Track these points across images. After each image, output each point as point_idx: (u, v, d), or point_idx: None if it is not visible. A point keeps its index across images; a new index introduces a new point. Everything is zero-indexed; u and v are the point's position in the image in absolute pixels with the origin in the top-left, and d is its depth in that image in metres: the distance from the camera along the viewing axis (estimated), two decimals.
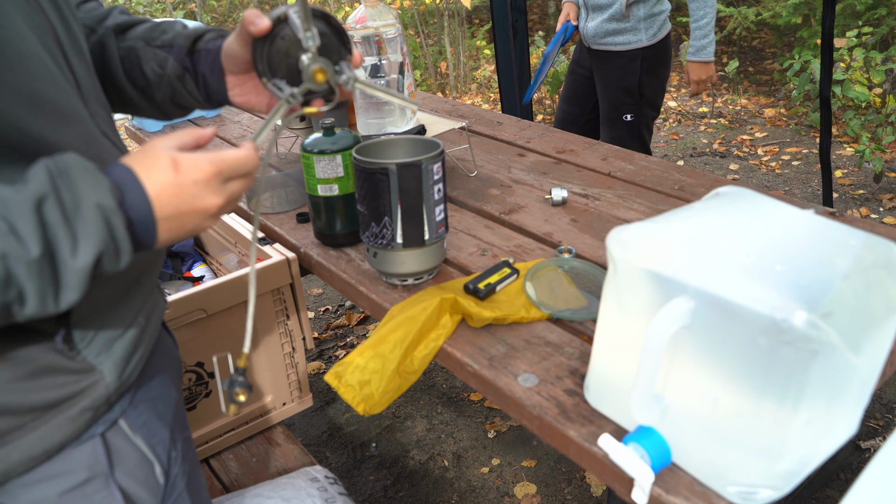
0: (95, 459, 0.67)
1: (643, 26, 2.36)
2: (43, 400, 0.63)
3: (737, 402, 0.61)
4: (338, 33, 0.75)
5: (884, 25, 4.18)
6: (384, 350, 0.89)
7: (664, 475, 0.69)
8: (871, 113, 3.91)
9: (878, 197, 3.45)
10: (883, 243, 0.65)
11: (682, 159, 4.15)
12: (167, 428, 0.75)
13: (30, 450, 0.63)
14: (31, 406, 0.63)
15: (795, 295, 0.57)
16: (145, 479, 0.71)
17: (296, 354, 1.76)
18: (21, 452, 0.63)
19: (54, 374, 0.64)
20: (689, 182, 1.38)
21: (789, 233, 0.66)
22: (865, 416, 2.06)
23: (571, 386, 0.83)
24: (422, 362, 0.90)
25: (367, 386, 0.87)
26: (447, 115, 1.87)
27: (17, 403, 0.62)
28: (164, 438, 0.74)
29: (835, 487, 1.84)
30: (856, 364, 0.61)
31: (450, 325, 0.93)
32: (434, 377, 2.42)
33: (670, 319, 0.62)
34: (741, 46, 6.01)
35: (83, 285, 0.55)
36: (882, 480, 0.55)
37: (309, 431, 2.21)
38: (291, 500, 1.28)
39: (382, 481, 1.98)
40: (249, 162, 0.65)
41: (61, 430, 0.64)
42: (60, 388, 0.64)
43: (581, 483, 1.93)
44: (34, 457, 0.63)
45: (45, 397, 0.63)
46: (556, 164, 1.51)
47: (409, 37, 6.05)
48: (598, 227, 1.21)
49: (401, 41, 1.45)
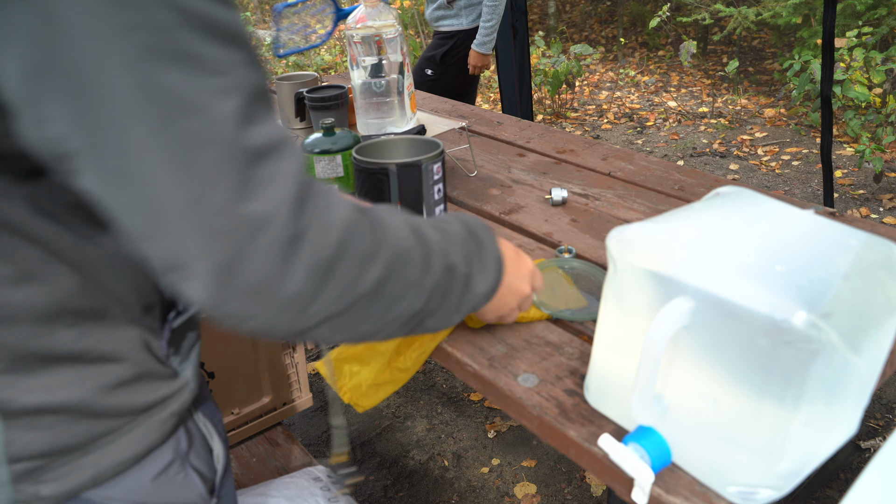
0: (178, 442, 0.69)
1: (464, 13, 3.17)
2: (143, 402, 0.65)
3: (737, 402, 0.61)
4: None
5: (884, 25, 4.18)
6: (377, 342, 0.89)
7: (664, 475, 0.69)
8: (871, 113, 3.91)
9: (878, 197, 3.45)
10: (883, 243, 0.65)
11: (682, 159, 4.15)
12: (218, 409, 0.79)
13: (120, 454, 0.64)
14: (132, 409, 0.64)
15: (795, 295, 0.57)
16: (206, 459, 0.73)
17: (296, 354, 1.76)
18: (113, 457, 0.63)
19: (152, 378, 0.65)
20: (689, 182, 1.38)
21: (789, 233, 0.66)
22: (865, 416, 2.06)
23: (571, 386, 0.83)
24: (415, 361, 0.90)
25: (356, 376, 0.87)
26: (447, 115, 1.87)
27: (120, 405, 0.63)
28: (220, 419, 0.77)
29: (835, 487, 1.84)
30: (856, 364, 0.61)
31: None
32: (434, 377, 2.42)
33: (670, 319, 0.62)
34: (741, 46, 6.01)
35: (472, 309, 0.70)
36: (882, 480, 0.55)
37: (309, 431, 2.21)
38: (295, 498, 1.28)
39: (382, 481, 1.98)
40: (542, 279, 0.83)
41: (151, 434, 0.66)
42: (155, 392, 0.66)
43: (581, 483, 1.93)
44: (124, 461, 0.64)
45: (145, 399, 0.65)
46: (556, 164, 1.51)
47: (409, 37, 6.05)
48: (598, 227, 1.21)
49: (401, 41, 1.45)
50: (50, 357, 0.59)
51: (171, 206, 0.47)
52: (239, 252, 0.48)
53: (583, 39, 7.01)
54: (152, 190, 0.47)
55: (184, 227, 0.47)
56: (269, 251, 0.49)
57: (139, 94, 0.45)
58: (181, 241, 0.48)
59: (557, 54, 5.07)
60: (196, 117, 0.46)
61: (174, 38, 0.46)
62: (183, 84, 0.46)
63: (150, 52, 0.45)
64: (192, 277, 0.49)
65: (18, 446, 0.59)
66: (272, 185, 0.49)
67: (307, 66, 6.27)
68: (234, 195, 0.48)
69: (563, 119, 5.10)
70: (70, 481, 0.61)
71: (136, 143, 0.46)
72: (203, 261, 0.48)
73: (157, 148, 0.46)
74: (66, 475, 0.61)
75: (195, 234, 0.48)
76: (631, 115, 5.04)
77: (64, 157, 0.47)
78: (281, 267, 0.50)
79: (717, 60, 5.96)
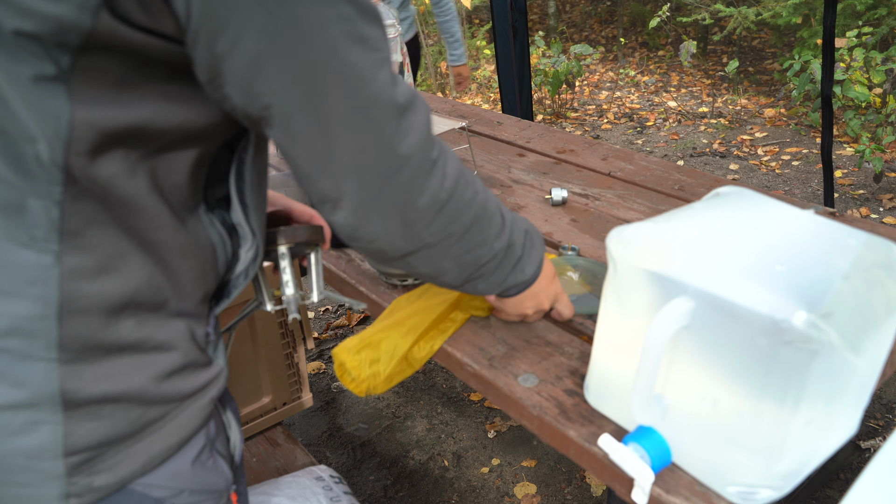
0: (208, 429, 0.71)
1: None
2: (189, 388, 0.67)
3: (737, 403, 0.61)
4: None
5: (884, 25, 4.18)
6: (399, 332, 0.90)
7: (664, 475, 0.69)
8: (871, 113, 3.91)
9: (878, 197, 3.45)
10: (883, 243, 0.65)
11: (682, 159, 4.15)
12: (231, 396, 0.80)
13: (169, 439, 0.66)
14: (180, 395, 0.67)
15: (795, 295, 0.57)
16: (225, 447, 0.75)
17: (296, 354, 1.76)
18: (162, 442, 0.66)
19: (197, 366, 0.68)
20: (689, 182, 1.38)
21: (789, 233, 0.66)
22: (865, 416, 2.06)
23: (571, 386, 0.83)
24: (429, 352, 0.91)
25: (375, 364, 0.88)
26: (447, 115, 1.87)
27: (171, 393, 0.66)
28: (236, 406, 0.79)
29: (835, 487, 1.84)
30: (856, 364, 0.61)
31: (460, 319, 0.94)
32: (434, 377, 2.42)
33: (670, 319, 0.62)
34: (741, 46, 6.02)
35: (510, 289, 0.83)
36: (882, 480, 0.55)
37: (309, 431, 2.21)
38: (296, 498, 1.28)
39: (382, 481, 1.98)
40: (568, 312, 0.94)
41: (194, 420, 0.68)
42: (198, 378, 0.68)
43: (581, 483, 1.93)
44: (171, 446, 0.66)
45: (191, 385, 0.67)
46: (556, 164, 1.51)
47: None
48: (598, 227, 1.21)
49: (401, 41, 1.45)
50: (114, 347, 0.61)
51: (345, 152, 0.61)
52: (386, 185, 0.63)
53: (583, 39, 7.01)
54: (333, 140, 0.60)
55: (349, 168, 0.62)
56: (406, 184, 0.64)
57: (339, 69, 0.58)
58: (342, 179, 0.62)
59: (557, 54, 5.07)
60: (370, 84, 0.60)
61: (356, 25, 0.58)
62: (361, 60, 0.59)
63: (343, 36, 0.58)
64: (342, 207, 0.64)
65: (77, 437, 0.60)
66: (412, 133, 0.64)
67: None
68: (392, 141, 0.62)
69: (563, 119, 5.10)
70: (122, 470, 0.63)
71: (331, 106, 0.59)
72: (356, 194, 0.63)
73: (345, 110, 0.59)
74: (118, 464, 0.63)
75: (355, 173, 0.62)
76: (631, 115, 5.04)
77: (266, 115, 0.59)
78: (412, 197, 0.65)
79: (717, 60, 5.96)
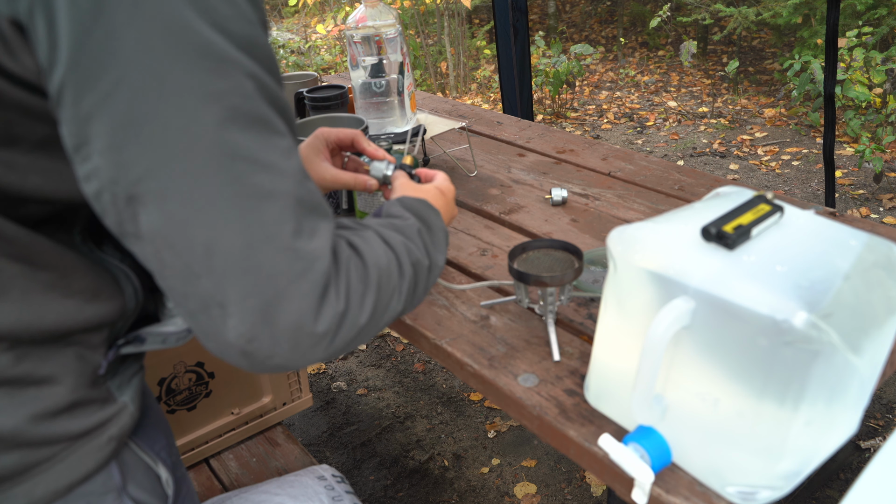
0: (109, 477, 0.67)
1: None
2: (79, 427, 0.63)
3: (737, 403, 0.61)
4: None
5: (884, 25, 4.18)
6: None
7: (664, 475, 0.69)
8: (871, 113, 3.91)
9: (878, 197, 3.45)
10: (883, 244, 0.65)
11: (682, 159, 4.15)
12: (162, 434, 0.76)
13: (55, 483, 0.62)
14: (68, 435, 0.62)
15: (796, 295, 0.57)
16: (152, 488, 0.71)
17: None
18: (46, 486, 0.61)
19: (89, 402, 0.64)
20: (689, 182, 1.38)
21: (789, 233, 0.66)
22: (865, 416, 2.06)
23: (571, 386, 0.83)
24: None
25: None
26: (447, 115, 1.87)
27: (56, 433, 0.61)
28: (164, 444, 0.75)
29: (835, 487, 1.84)
30: (856, 364, 0.61)
31: None
32: (434, 377, 2.42)
33: (670, 319, 0.62)
34: (741, 46, 6.01)
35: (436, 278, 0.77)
36: (882, 480, 0.55)
37: (309, 431, 2.21)
38: (298, 497, 1.28)
39: (382, 481, 1.98)
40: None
41: (88, 460, 0.64)
42: (91, 416, 0.64)
43: (581, 483, 1.93)
44: (59, 490, 0.62)
45: (81, 424, 0.63)
46: (556, 164, 1.51)
47: (409, 37, 6.05)
48: (598, 227, 1.21)
49: (401, 41, 1.45)
50: None
51: (228, 249, 0.52)
52: (283, 292, 0.53)
53: (583, 39, 7.01)
54: (213, 233, 0.51)
55: (235, 268, 0.52)
56: (308, 294, 0.55)
57: (220, 150, 0.51)
58: (229, 281, 0.52)
59: (557, 54, 5.07)
60: (266, 173, 0.53)
61: (254, 105, 0.52)
62: (256, 144, 0.52)
63: (234, 114, 0.51)
64: (231, 315, 0.53)
65: None
66: (318, 236, 0.56)
67: (307, 66, 6.27)
68: (289, 241, 0.54)
69: (563, 119, 5.10)
70: None
71: (208, 191, 0.51)
72: (247, 300, 0.53)
73: (226, 197, 0.51)
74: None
75: (245, 275, 0.52)
76: (631, 115, 5.03)
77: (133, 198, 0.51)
78: (316, 310, 0.55)
79: (717, 60, 5.96)
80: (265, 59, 0.54)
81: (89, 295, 0.63)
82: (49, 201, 0.59)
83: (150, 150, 0.50)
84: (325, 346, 0.57)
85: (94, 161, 0.51)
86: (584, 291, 1.00)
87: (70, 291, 0.61)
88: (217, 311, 0.53)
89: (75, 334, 0.63)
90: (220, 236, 0.52)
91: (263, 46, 0.55)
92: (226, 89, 0.51)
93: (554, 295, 0.89)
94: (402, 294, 0.67)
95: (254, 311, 0.53)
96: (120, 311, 0.67)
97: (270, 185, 0.53)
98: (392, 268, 0.66)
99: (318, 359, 0.58)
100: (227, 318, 0.53)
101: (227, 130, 0.51)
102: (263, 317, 0.53)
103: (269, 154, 0.53)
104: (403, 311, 0.70)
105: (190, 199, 0.51)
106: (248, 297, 0.53)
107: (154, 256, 0.53)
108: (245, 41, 0.52)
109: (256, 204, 0.52)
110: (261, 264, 0.53)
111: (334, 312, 0.57)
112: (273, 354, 0.55)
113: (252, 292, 0.53)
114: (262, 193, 0.53)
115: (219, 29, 0.51)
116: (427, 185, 0.88)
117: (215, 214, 0.51)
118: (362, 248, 0.63)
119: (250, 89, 0.52)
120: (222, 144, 0.51)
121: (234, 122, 0.51)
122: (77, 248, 0.63)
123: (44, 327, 0.60)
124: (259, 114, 0.53)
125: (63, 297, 0.61)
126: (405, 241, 0.70)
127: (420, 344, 0.97)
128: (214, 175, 0.51)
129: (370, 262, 0.63)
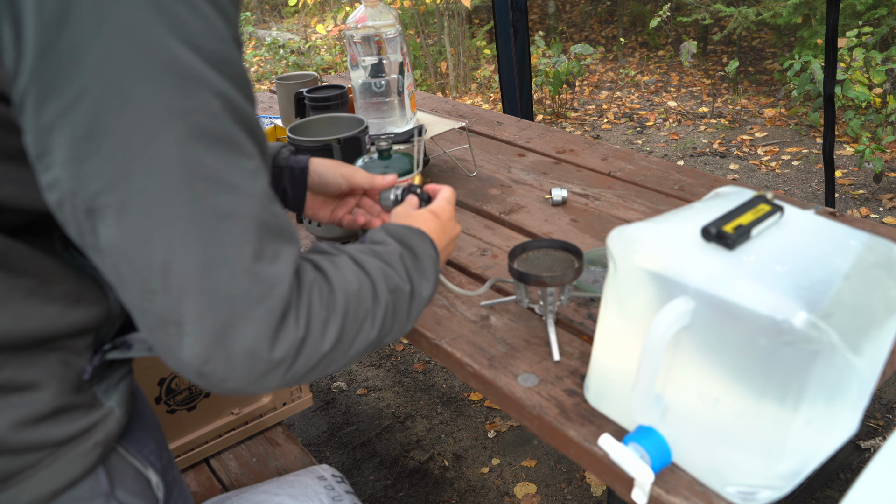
0: (96, 482, 0.67)
1: None
2: (63, 434, 0.63)
3: (737, 403, 0.61)
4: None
5: (884, 25, 4.18)
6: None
7: (664, 475, 0.69)
8: (871, 113, 3.91)
9: (878, 197, 3.45)
10: (883, 244, 0.65)
11: (682, 159, 4.15)
12: (152, 437, 0.76)
13: (39, 489, 0.62)
14: (53, 441, 0.62)
15: (796, 295, 0.57)
16: (142, 492, 0.71)
17: None
18: (30, 492, 0.61)
19: (72, 408, 0.64)
20: (689, 182, 1.38)
21: (789, 233, 0.66)
22: (865, 416, 2.06)
23: (571, 386, 0.83)
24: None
25: None
26: (447, 115, 1.87)
27: (39, 440, 0.61)
28: (154, 447, 0.75)
29: (835, 487, 1.84)
30: (856, 364, 0.61)
31: None
32: (434, 377, 2.42)
33: (670, 319, 0.62)
34: (741, 46, 6.01)
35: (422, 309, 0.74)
36: (882, 480, 0.55)
37: (309, 431, 2.21)
38: (298, 497, 1.28)
39: (382, 481, 1.98)
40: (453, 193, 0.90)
41: (73, 467, 0.63)
42: (75, 423, 0.64)
43: (581, 483, 1.93)
44: (43, 497, 0.62)
45: (66, 431, 0.63)
46: (556, 164, 1.51)
47: (409, 37, 6.05)
48: (598, 227, 1.21)
49: (401, 41, 1.45)
50: None
51: (186, 267, 0.51)
52: (239, 315, 0.53)
53: (583, 39, 7.01)
54: (170, 251, 0.51)
55: (192, 287, 0.51)
56: (265, 319, 0.54)
57: (182, 168, 0.50)
58: (185, 300, 0.51)
59: (557, 54, 5.07)
60: (228, 193, 0.52)
61: (220, 124, 0.52)
62: (220, 163, 0.52)
63: (199, 132, 0.50)
64: (187, 335, 0.52)
65: None
66: (279, 260, 0.55)
67: (307, 66, 6.27)
68: (248, 265, 0.53)
69: (563, 119, 5.10)
70: None
71: (167, 209, 0.50)
72: (203, 320, 0.52)
73: (186, 216, 0.51)
74: None
75: (201, 295, 0.52)
76: (631, 115, 5.03)
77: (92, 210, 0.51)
78: (273, 335, 0.54)
79: (717, 60, 5.96)
80: (236, 77, 0.53)
81: (71, 300, 0.63)
82: (25, 211, 0.58)
83: (110, 163, 0.49)
84: (281, 372, 0.56)
85: (56, 171, 0.50)
86: (584, 291, 1.00)
87: (50, 297, 0.61)
88: (174, 330, 0.52)
89: (58, 340, 0.62)
90: (178, 255, 0.51)
91: (235, 64, 0.54)
92: (191, 107, 0.50)
93: (554, 295, 0.89)
94: (377, 321, 0.65)
95: (209, 333, 0.52)
96: (104, 316, 0.66)
97: (232, 206, 0.52)
98: (364, 293, 0.64)
99: (276, 385, 0.57)
100: (184, 338, 0.52)
101: (190, 149, 0.50)
102: (219, 339, 0.52)
103: (233, 174, 0.52)
104: (382, 338, 0.68)
105: (148, 215, 0.50)
106: (203, 317, 0.52)
107: (113, 270, 0.52)
108: (216, 58, 0.51)
109: (216, 224, 0.51)
110: (218, 286, 0.52)
111: (293, 339, 0.55)
112: (227, 378, 0.54)
113: (208, 313, 0.52)
114: (222, 214, 0.52)
115: (189, 45, 0.50)
116: (420, 211, 0.85)
117: (173, 232, 0.51)
118: (330, 272, 0.62)
119: (217, 108, 0.51)
120: (184, 162, 0.50)
121: (199, 140, 0.50)
122: (58, 255, 0.63)
123: (25, 333, 0.59)
124: (225, 133, 0.52)
125: (43, 302, 0.61)
126: (383, 267, 0.68)
127: (420, 344, 0.97)
128: (174, 193, 0.50)
129: (337, 286, 0.61)
